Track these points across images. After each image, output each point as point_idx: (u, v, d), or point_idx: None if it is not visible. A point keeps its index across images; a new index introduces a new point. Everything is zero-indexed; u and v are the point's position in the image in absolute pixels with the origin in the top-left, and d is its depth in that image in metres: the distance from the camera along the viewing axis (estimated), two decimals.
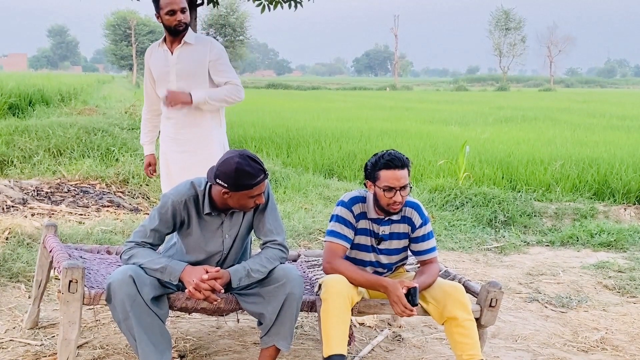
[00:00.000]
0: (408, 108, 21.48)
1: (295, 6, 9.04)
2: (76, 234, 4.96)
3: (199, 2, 8.40)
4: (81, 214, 6.03)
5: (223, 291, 2.79)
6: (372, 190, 2.99)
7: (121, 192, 7.16)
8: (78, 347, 3.12)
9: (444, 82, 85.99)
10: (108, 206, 6.46)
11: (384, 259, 3.12)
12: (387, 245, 3.09)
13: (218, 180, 2.69)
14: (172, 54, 3.78)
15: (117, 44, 56.54)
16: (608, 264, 5.27)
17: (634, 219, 6.90)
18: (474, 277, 4.84)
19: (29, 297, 3.86)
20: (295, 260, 3.72)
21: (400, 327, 3.79)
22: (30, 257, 4.38)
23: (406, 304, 2.81)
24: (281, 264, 2.89)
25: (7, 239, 4.64)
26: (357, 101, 26.84)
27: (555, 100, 29.76)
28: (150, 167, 4.15)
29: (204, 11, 44.75)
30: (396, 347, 3.53)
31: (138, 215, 6.16)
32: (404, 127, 13.11)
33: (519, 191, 7.36)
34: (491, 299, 2.99)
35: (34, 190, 6.68)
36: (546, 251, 5.77)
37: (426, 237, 3.09)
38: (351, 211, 3.03)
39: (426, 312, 2.98)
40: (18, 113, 12.88)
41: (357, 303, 2.95)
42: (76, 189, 6.96)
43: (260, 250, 2.93)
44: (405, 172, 2.92)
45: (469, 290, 3.13)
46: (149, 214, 3.43)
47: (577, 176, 7.86)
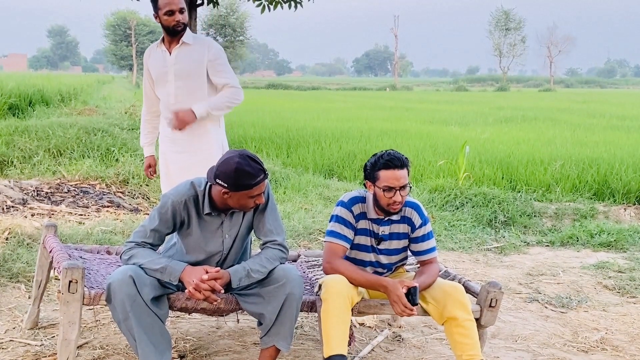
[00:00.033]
0: (408, 108, 21.48)
1: (295, 6, 9.04)
2: (76, 234, 4.96)
3: (198, 2, 8.40)
4: (81, 214, 6.03)
5: (223, 291, 2.78)
6: (372, 191, 2.99)
7: (121, 192, 7.16)
8: (78, 347, 3.12)
9: (444, 82, 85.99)
10: (108, 206, 6.46)
11: (383, 259, 3.12)
12: (386, 245, 3.10)
13: (218, 180, 2.69)
14: (170, 54, 3.78)
15: (117, 44, 56.57)
16: (608, 264, 5.27)
17: (634, 219, 6.90)
18: (474, 278, 4.83)
19: (29, 298, 3.86)
20: (295, 261, 3.72)
21: (400, 327, 3.79)
22: (30, 258, 4.38)
23: (406, 303, 2.81)
24: (281, 264, 2.89)
25: (7, 239, 4.64)
26: (357, 101, 26.84)
27: (555, 101, 29.76)
28: (150, 168, 4.15)
29: (204, 11, 44.80)
30: (396, 347, 3.53)
31: (138, 215, 6.16)
32: (404, 128, 13.10)
33: (519, 191, 7.36)
34: (491, 299, 2.99)
35: (34, 191, 6.67)
36: (546, 251, 5.77)
37: (426, 237, 3.09)
38: (351, 211, 3.03)
39: (426, 312, 2.98)
40: (18, 113, 12.88)
41: (357, 303, 2.95)
42: (76, 189, 6.96)
43: (260, 250, 2.92)
44: (405, 172, 2.92)
45: (469, 290, 3.13)
46: (149, 214, 3.42)
47: (577, 176, 7.86)
